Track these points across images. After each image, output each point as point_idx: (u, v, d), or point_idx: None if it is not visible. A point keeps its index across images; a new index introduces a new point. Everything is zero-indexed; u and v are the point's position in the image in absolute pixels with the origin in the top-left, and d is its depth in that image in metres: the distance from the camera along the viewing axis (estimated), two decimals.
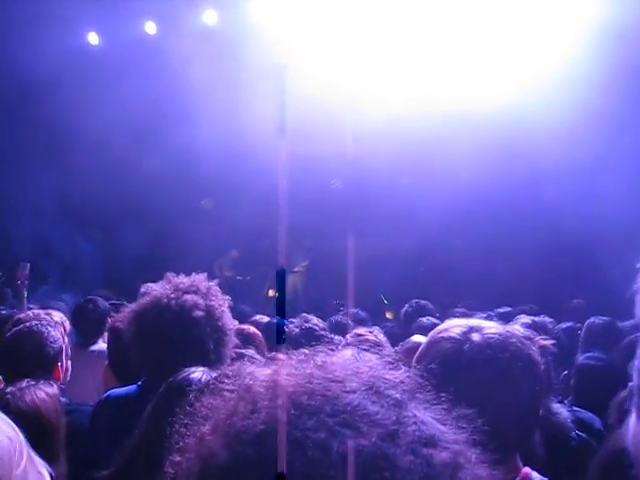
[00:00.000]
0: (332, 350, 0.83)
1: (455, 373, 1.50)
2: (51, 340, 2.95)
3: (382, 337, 3.43)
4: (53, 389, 2.36)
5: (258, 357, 2.54)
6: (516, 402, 1.51)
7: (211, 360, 2.28)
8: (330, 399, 0.71)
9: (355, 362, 0.79)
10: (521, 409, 1.52)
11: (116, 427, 2.17)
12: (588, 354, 3.90)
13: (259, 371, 0.79)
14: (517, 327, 1.77)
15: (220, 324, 2.42)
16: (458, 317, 1.84)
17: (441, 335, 1.62)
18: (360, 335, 2.99)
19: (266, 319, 5.14)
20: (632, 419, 0.63)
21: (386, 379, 0.77)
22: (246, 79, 9.42)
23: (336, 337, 3.40)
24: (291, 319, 3.91)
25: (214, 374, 1.82)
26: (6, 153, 10.89)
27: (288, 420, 0.70)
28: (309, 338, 3.34)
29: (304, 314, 3.87)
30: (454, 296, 8.24)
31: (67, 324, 3.74)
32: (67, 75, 10.11)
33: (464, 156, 8.79)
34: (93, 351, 4.41)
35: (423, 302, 5.71)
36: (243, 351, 3.00)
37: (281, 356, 0.82)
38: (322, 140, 10.85)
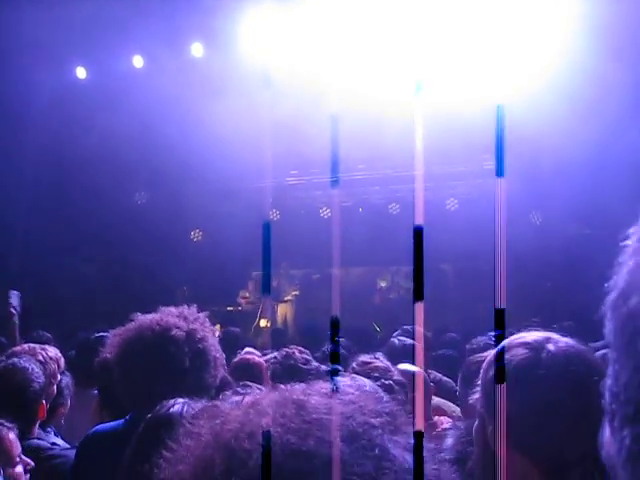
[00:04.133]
0: (311, 385, 0.78)
1: (529, 381, 1.47)
2: (34, 377, 2.90)
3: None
4: (5, 432, 2.27)
5: (256, 388, 2.51)
6: (587, 417, 1.40)
7: (189, 384, 2.26)
8: (308, 455, 0.67)
9: (332, 401, 0.74)
10: (590, 425, 1.46)
11: (102, 463, 2.13)
12: None
13: (233, 411, 0.76)
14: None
15: (201, 347, 2.41)
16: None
17: (517, 341, 1.58)
18: (366, 363, 2.93)
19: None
20: (606, 434, 0.63)
21: (365, 420, 0.72)
22: (234, 110, 9.49)
23: (322, 367, 3.37)
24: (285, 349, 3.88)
25: (194, 406, 1.79)
26: None
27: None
28: (291, 372, 3.31)
29: (284, 348, 3.81)
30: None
31: (62, 361, 3.63)
32: (55, 108, 10.16)
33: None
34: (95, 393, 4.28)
35: (407, 327, 5.65)
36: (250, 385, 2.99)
37: (257, 394, 0.79)
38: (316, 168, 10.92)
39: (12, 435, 2.31)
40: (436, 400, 3.73)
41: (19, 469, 2.23)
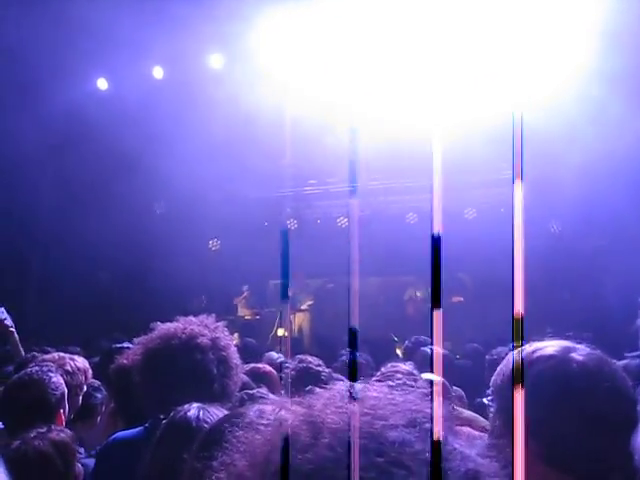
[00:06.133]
0: (368, 385, 0.80)
1: (564, 394, 1.42)
2: (52, 387, 2.92)
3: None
4: (62, 436, 2.34)
5: (271, 396, 2.53)
6: (625, 424, 1.42)
7: (215, 390, 2.29)
8: (375, 436, 0.69)
9: (392, 396, 0.76)
10: (628, 431, 1.42)
11: (123, 470, 2.15)
12: None
13: (292, 408, 0.77)
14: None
15: (224, 355, 2.45)
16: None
17: (538, 354, 1.51)
18: (394, 366, 2.96)
19: (281, 356, 5.17)
20: None
21: (424, 413, 0.74)
22: (253, 120, 9.55)
23: (339, 376, 3.38)
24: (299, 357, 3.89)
25: (214, 410, 1.80)
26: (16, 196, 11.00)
27: (335, 459, 0.67)
28: (307, 378, 3.33)
29: (299, 355, 3.85)
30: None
31: (89, 373, 3.64)
32: (75, 118, 10.28)
33: None
34: None
35: (423, 338, 5.66)
36: (255, 391, 2.99)
37: (316, 391, 0.80)
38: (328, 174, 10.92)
39: (70, 436, 2.39)
40: (467, 413, 3.70)
41: (80, 467, 2.32)
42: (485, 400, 1.65)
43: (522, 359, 1.53)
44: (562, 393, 1.43)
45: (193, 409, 1.87)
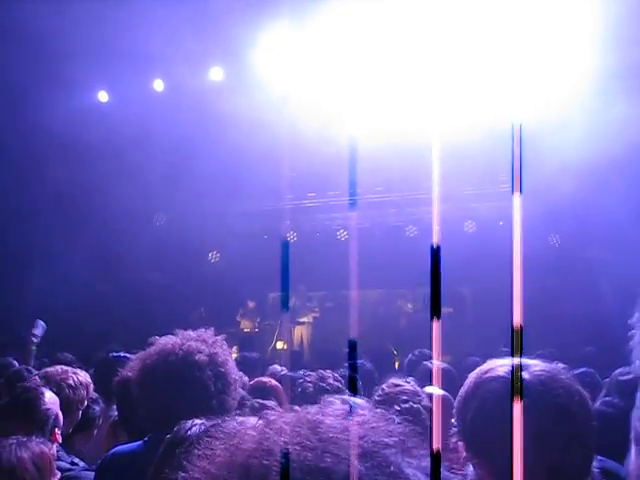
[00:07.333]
0: (325, 406, 0.80)
1: (509, 412, 1.44)
2: (45, 412, 2.90)
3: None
4: (41, 447, 2.32)
5: (272, 407, 2.53)
6: (576, 439, 1.45)
7: (213, 407, 2.28)
8: (324, 471, 0.68)
9: (347, 421, 0.75)
10: (581, 446, 1.46)
11: None
12: (605, 399, 3.77)
13: (248, 428, 0.77)
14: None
15: (223, 370, 2.44)
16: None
17: (488, 375, 1.56)
18: (397, 385, 2.91)
19: (284, 370, 5.16)
20: (632, 459, 0.64)
21: (379, 440, 0.73)
22: (253, 132, 9.58)
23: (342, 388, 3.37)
24: (306, 372, 3.87)
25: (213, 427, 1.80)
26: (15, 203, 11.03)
27: None
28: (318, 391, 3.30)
29: (320, 370, 3.80)
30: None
31: (91, 387, 3.62)
32: (76, 131, 10.31)
33: None
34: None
35: (427, 351, 5.65)
36: (266, 401, 2.99)
37: (272, 413, 0.80)
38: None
39: (50, 449, 2.36)
40: None
41: None
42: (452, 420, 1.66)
43: (474, 379, 1.59)
44: (503, 412, 1.45)
45: (196, 426, 1.86)
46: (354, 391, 3.48)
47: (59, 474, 2.49)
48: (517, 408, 1.12)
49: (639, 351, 1.53)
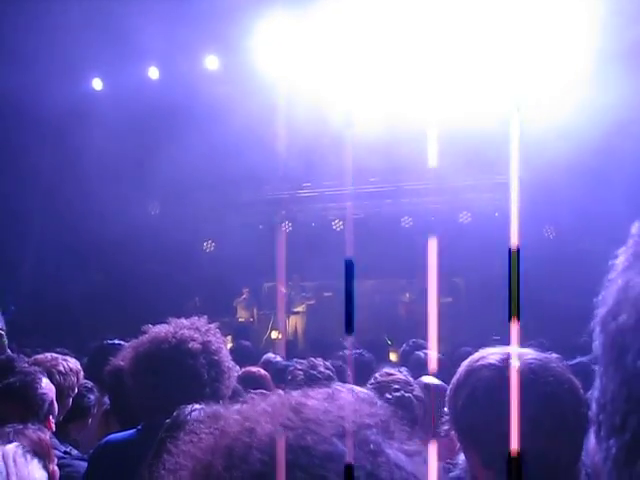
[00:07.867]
0: (308, 390, 0.81)
1: (499, 400, 1.42)
2: (40, 397, 2.90)
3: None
4: (39, 435, 2.32)
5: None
6: (565, 427, 1.46)
7: (206, 394, 2.28)
8: (305, 450, 0.70)
9: (328, 403, 0.77)
10: (570, 434, 1.47)
11: (115, 472, 2.14)
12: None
13: (232, 411, 0.78)
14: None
15: (216, 358, 2.44)
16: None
17: (480, 363, 1.57)
18: (390, 374, 2.93)
19: (278, 358, 5.20)
20: (592, 443, 0.66)
21: (360, 421, 0.75)
22: (248, 121, 9.55)
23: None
24: (298, 360, 3.87)
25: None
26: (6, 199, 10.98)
27: (260, 473, 0.68)
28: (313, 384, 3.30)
29: (311, 358, 3.81)
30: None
31: (81, 374, 3.62)
32: (71, 119, 10.27)
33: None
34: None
35: (421, 341, 5.68)
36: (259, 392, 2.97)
37: (254, 397, 0.81)
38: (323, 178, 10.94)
39: (47, 435, 2.36)
40: None
41: (55, 468, 2.29)
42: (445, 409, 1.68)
43: (465, 368, 1.60)
44: (493, 400, 1.45)
45: (195, 411, 1.87)
46: (343, 380, 3.49)
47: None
48: (512, 396, 1.13)
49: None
